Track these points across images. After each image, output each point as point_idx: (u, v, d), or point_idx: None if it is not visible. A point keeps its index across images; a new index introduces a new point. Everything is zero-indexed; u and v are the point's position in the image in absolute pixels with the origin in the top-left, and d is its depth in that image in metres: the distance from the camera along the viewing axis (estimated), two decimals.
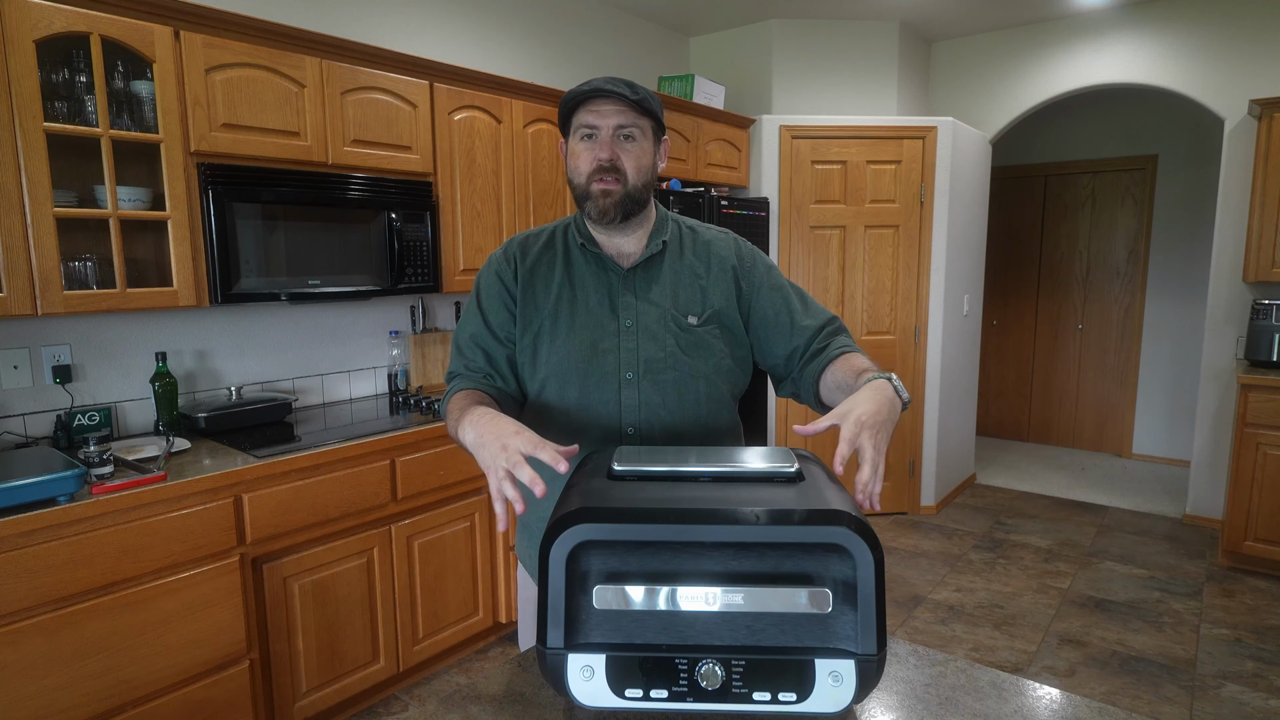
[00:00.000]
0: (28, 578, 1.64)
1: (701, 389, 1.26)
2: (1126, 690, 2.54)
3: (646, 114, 1.22)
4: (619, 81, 1.20)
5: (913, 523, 4.15)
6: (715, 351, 1.28)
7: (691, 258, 1.31)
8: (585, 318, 1.25)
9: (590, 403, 1.24)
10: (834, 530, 0.81)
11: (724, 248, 1.34)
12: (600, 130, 1.20)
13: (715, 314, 1.29)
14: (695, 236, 1.34)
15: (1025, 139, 5.59)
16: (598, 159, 1.20)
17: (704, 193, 3.59)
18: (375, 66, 2.49)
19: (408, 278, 2.62)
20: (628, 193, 1.21)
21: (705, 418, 1.27)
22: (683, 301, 1.28)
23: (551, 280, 1.28)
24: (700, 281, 1.30)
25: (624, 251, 1.29)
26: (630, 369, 1.24)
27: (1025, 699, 0.95)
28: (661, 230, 1.31)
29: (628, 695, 0.83)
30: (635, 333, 1.25)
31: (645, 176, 1.24)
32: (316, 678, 2.22)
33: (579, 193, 1.24)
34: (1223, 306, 3.88)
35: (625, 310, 1.26)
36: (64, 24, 1.83)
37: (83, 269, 2.03)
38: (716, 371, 1.28)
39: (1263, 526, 3.35)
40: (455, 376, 1.29)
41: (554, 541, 0.83)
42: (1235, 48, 3.76)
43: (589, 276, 1.28)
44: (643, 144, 1.23)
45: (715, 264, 1.31)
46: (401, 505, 2.39)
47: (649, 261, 1.29)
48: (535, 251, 1.30)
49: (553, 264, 1.29)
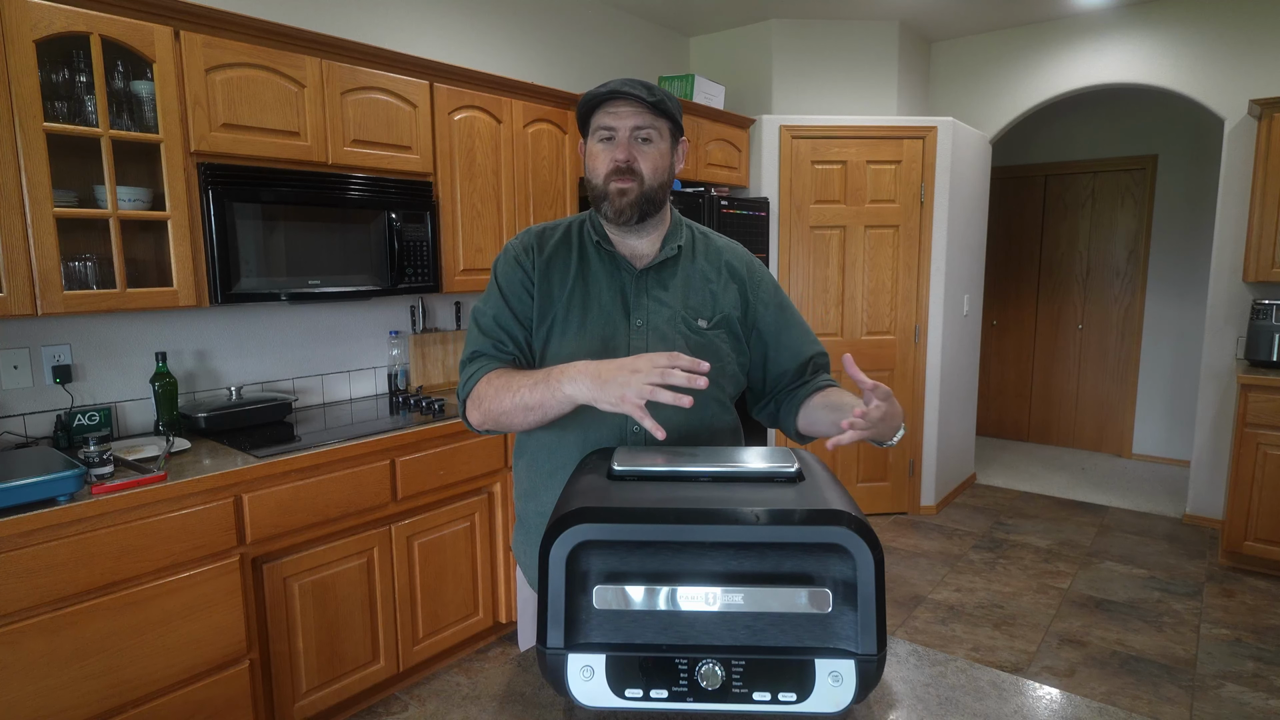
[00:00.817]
0: (28, 578, 1.64)
1: (708, 391, 1.27)
2: (1126, 690, 2.54)
3: (664, 115, 1.23)
4: (636, 83, 1.20)
5: (913, 523, 4.15)
6: (722, 355, 1.30)
7: (704, 263, 1.33)
8: (597, 314, 1.26)
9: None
10: (834, 530, 0.81)
11: (735, 258, 1.36)
12: (618, 132, 1.21)
13: (724, 319, 1.31)
14: (708, 242, 1.36)
15: (1025, 139, 5.59)
16: (615, 160, 1.21)
17: (704, 193, 3.59)
18: (375, 66, 2.49)
19: (408, 278, 2.62)
20: (644, 193, 1.22)
21: (710, 419, 1.29)
22: (694, 304, 1.29)
23: (567, 275, 1.28)
24: (711, 286, 1.31)
25: (638, 252, 1.30)
26: None
27: (1025, 699, 0.95)
28: (676, 234, 1.32)
29: (628, 695, 0.83)
30: (645, 332, 1.26)
31: (662, 177, 1.24)
32: (316, 678, 2.22)
33: (597, 193, 1.24)
34: (1223, 306, 3.88)
35: (637, 310, 1.27)
36: (64, 24, 1.83)
37: (83, 269, 2.03)
38: (722, 374, 1.30)
39: (1263, 526, 3.35)
40: (481, 356, 1.27)
41: (554, 541, 0.83)
42: (1235, 48, 3.76)
43: (602, 274, 1.28)
44: (660, 145, 1.23)
45: (726, 271, 1.34)
46: (401, 505, 2.39)
47: (662, 264, 1.30)
48: (552, 245, 1.31)
49: (568, 258, 1.30)
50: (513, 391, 1.16)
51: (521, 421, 1.18)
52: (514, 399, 1.16)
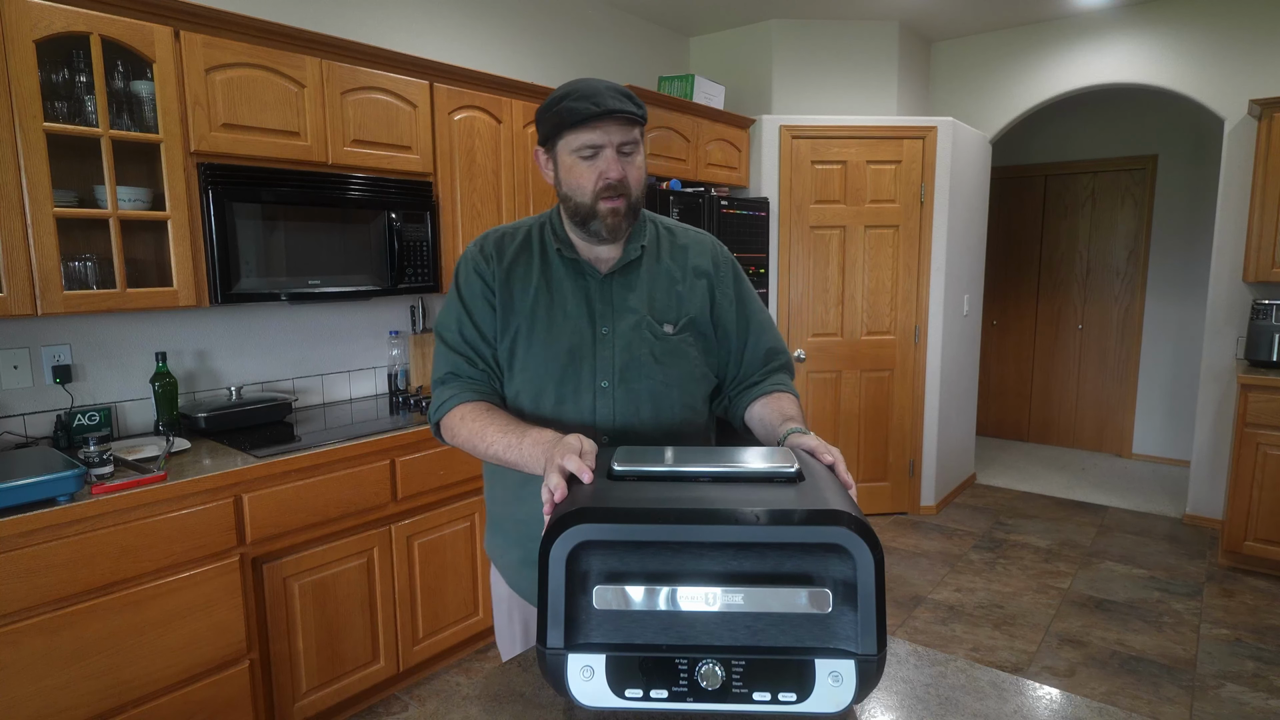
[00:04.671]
0: (28, 578, 1.64)
1: (675, 396, 1.26)
2: (1126, 690, 2.54)
3: (640, 123, 1.18)
4: (620, 96, 1.15)
5: (913, 523, 4.15)
6: (689, 359, 1.27)
7: (669, 261, 1.29)
8: (563, 324, 1.23)
9: (565, 410, 1.22)
10: (834, 530, 0.81)
11: (700, 254, 1.32)
12: (604, 149, 1.16)
13: (691, 321, 1.28)
14: (673, 239, 1.32)
15: (1025, 139, 5.59)
16: (607, 179, 1.16)
17: (704, 193, 3.59)
18: (375, 66, 2.49)
19: (408, 278, 2.62)
20: (632, 206, 1.20)
21: (679, 424, 1.27)
22: (659, 308, 1.26)
23: (529, 283, 1.25)
24: (677, 287, 1.28)
25: (601, 256, 1.26)
26: (605, 377, 1.23)
27: (1025, 699, 0.95)
28: (640, 234, 1.27)
29: (628, 695, 0.83)
30: (611, 341, 1.23)
31: (643, 186, 1.22)
32: (316, 678, 2.22)
33: (583, 211, 1.18)
34: (1223, 306, 3.87)
35: (602, 318, 1.24)
36: (64, 24, 1.83)
37: (83, 269, 2.03)
38: (690, 378, 1.27)
39: (1263, 526, 3.35)
40: (454, 379, 1.25)
41: (554, 541, 0.83)
42: (1235, 48, 3.76)
43: (566, 281, 1.25)
44: (640, 155, 1.20)
45: (692, 270, 1.30)
46: (401, 505, 2.39)
47: (626, 267, 1.26)
48: (512, 251, 1.27)
49: (529, 265, 1.26)
50: (486, 443, 1.15)
51: (493, 463, 1.18)
52: (487, 450, 1.15)
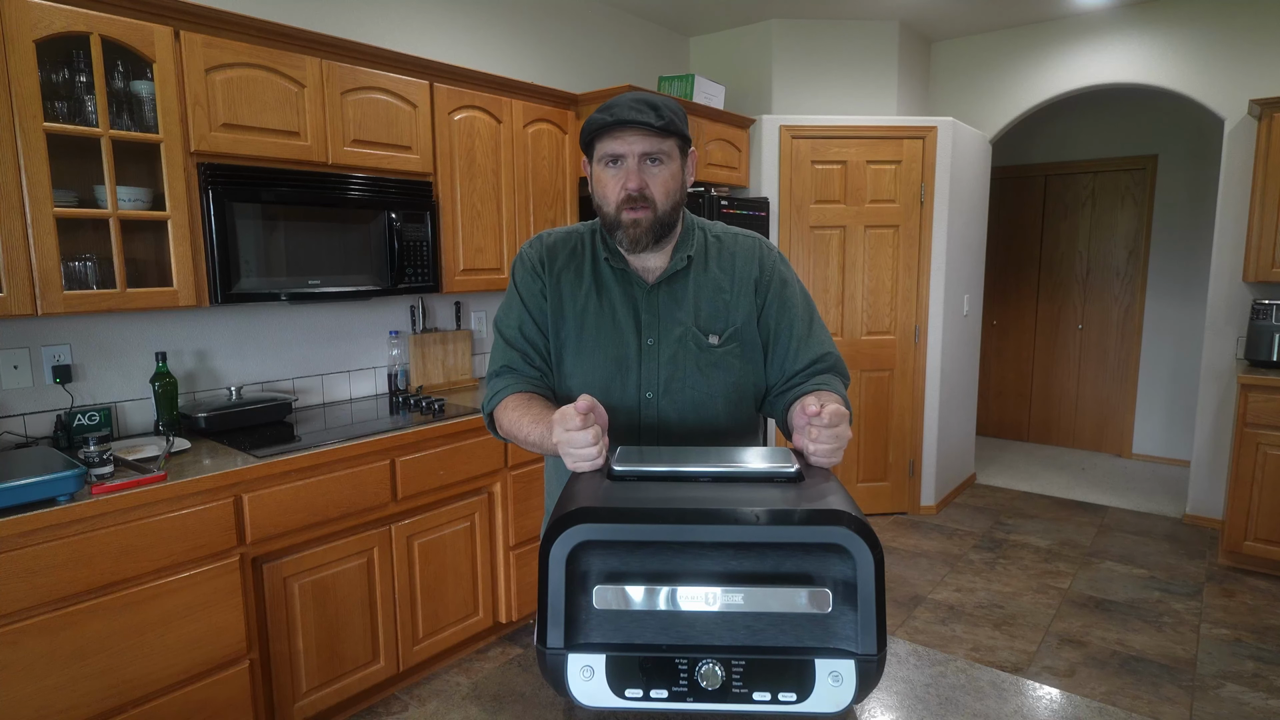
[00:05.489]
0: (28, 578, 1.64)
1: (720, 407, 1.26)
2: (1126, 690, 2.54)
3: (672, 135, 1.17)
4: (643, 105, 1.14)
5: (913, 523, 4.15)
6: (734, 371, 1.27)
7: (716, 271, 1.29)
8: (611, 333, 1.25)
9: (610, 419, 1.22)
10: (834, 530, 0.81)
11: (747, 261, 1.30)
12: (626, 158, 1.16)
13: (737, 331, 1.27)
14: (721, 247, 1.31)
15: (1025, 139, 5.59)
16: (625, 189, 1.16)
17: (704, 193, 3.59)
18: (375, 66, 2.49)
19: (408, 278, 2.62)
20: (658, 218, 1.19)
21: (723, 435, 1.27)
22: (705, 318, 1.26)
23: (579, 289, 1.27)
24: (724, 296, 1.28)
25: (648, 266, 1.27)
26: (650, 388, 1.24)
27: (1025, 699, 0.95)
28: (686, 244, 1.27)
29: (628, 695, 0.83)
30: (657, 352, 1.24)
31: (674, 199, 1.20)
32: (316, 678, 2.22)
33: (608, 221, 1.21)
34: (1223, 306, 3.87)
35: (648, 329, 1.25)
36: (64, 24, 1.83)
37: (83, 269, 2.03)
38: (734, 389, 1.27)
39: (1263, 526, 3.35)
40: (509, 372, 1.28)
41: (554, 541, 0.83)
42: (1235, 48, 3.76)
43: (615, 289, 1.26)
44: (670, 166, 1.18)
45: (739, 278, 1.29)
46: (401, 505, 2.39)
47: (673, 277, 1.26)
48: (563, 257, 1.29)
49: (580, 272, 1.28)
50: (524, 432, 1.18)
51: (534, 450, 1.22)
52: (525, 438, 1.19)
